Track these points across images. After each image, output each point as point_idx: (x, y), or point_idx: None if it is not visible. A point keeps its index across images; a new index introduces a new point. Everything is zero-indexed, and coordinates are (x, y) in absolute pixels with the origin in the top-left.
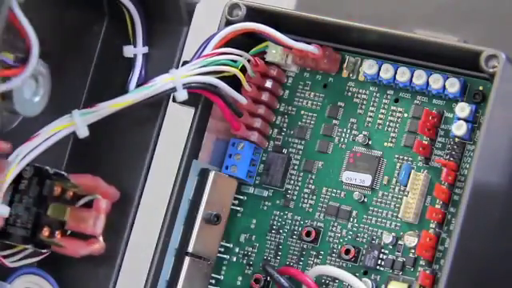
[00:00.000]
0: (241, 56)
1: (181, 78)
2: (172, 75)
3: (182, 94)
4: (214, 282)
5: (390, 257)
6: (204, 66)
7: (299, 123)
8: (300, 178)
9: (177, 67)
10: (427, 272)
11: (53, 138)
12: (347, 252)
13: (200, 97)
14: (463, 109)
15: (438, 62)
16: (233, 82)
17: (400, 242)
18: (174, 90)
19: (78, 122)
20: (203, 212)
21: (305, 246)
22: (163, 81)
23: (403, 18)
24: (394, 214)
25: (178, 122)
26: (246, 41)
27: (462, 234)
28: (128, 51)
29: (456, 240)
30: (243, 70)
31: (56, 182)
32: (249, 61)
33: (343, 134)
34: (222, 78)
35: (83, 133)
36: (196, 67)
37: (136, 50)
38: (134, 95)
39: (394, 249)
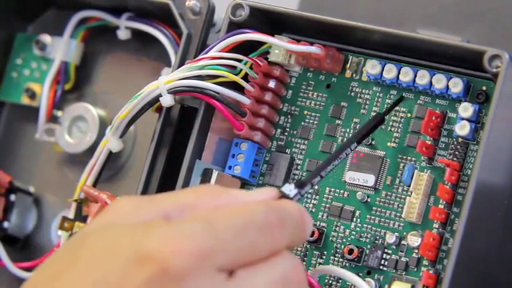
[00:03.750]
0: (236, 60)
1: (164, 83)
2: (157, 82)
3: (168, 99)
4: None
5: (394, 257)
6: (190, 70)
7: (302, 123)
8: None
9: None
10: (430, 272)
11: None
12: (350, 252)
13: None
14: (466, 109)
15: (441, 62)
16: (236, 82)
17: (403, 242)
18: (159, 95)
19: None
20: None
21: (308, 246)
22: (150, 88)
23: (406, 18)
24: (398, 214)
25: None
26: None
27: (466, 233)
28: None
29: (459, 240)
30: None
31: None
32: (250, 64)
33: (346, 134)
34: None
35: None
36: (181, 73)
37: None
38: (128, 106)
39: (398, 249)
